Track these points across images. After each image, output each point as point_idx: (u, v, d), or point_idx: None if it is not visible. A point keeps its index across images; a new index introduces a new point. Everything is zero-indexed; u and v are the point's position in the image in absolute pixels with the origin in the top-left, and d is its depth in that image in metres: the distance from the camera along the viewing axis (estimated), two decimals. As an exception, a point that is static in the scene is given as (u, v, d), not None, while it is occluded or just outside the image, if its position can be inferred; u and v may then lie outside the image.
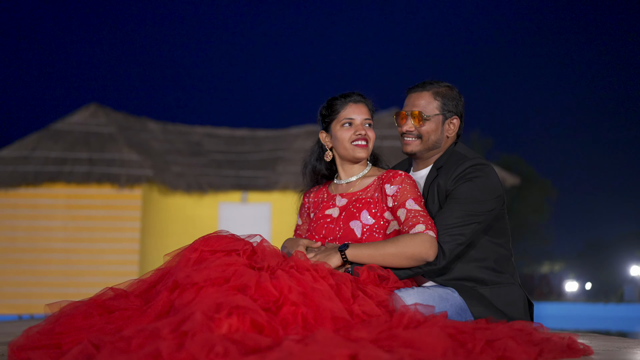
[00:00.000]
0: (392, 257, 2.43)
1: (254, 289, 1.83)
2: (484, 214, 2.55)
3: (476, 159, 2.65)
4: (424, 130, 2.76)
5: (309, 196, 2.96)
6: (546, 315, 21.15)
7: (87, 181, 11.69)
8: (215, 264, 1.91)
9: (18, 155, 12.01)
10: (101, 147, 12.40)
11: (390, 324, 1.79)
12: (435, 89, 2.82)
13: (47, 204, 11.71)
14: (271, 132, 14.72)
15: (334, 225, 2.68)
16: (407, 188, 2.60)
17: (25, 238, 11.53)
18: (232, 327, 1.62)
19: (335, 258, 2.45)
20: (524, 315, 2.62)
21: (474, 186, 2.56)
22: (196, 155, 13.79)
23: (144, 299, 2.06)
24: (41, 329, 1.88)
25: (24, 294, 11.26)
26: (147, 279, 2.16)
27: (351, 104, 2.76)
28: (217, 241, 2.11)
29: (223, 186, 12.93)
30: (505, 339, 1.74)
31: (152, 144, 13.51)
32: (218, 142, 14.41)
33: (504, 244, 2.70)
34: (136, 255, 11.69)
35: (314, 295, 1.86)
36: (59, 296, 1.89)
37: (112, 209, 11.84)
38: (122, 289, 2.13)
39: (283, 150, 13.74)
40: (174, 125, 14.62)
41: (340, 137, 2.73)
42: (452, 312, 2.39)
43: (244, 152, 14.08)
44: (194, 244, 2.11)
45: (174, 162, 13.20)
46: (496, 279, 2.61)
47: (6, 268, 11.40)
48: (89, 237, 11.63)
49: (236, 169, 13.41)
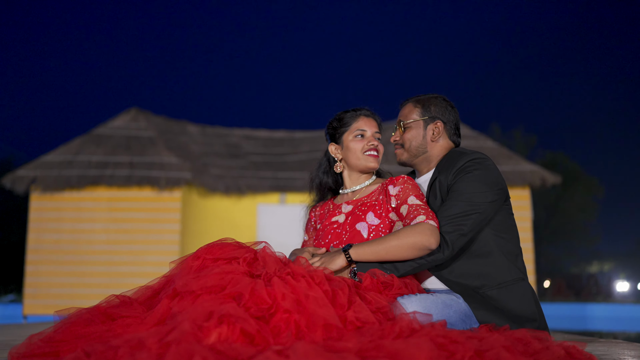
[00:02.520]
0: (395, 248, 2.46)
1: (248, 297, 1.85)
2: (484, 204, 2.56)
3: (475, 154, 2.68)
4: (405, 138, 2.85)
5: (315, 210, 3.03)
6: (593, 316, 20.68)
7: (128, 184, 11.90)
8: (213, 272, 1.94)
9: (62, 159, 12.31)
10: (141, 151, 12.62)
11: (382, 332, 1.79)
12: (417, 97, 2.90)
13: (90, 207, 11.97)
14: (309, 133, 14.76)
15: (340, 229, 2.72)
16: (409, 187, 2.67)
17: (69, 240, 11.80)
18: (222, 336, 1.64)
19: (340, 259, 2.49)
20: (535, 309, 2.60)
21: (474, 178, 2.58)
22: (234, 157, 13.91)
23: (148, 306, 2.10)
24: (43, 337, 1.93)
25: (68, 295, 11.53)
26: (153, 286, 2.20)
27: (363, 117, 2.86)
28: (219, 249, 2.14)
29: (261, 188, 13.01)
30: (498, 349, 1.71)
31: (191, 147, 13.69)
32: (256, 144, 14.51)
33: (511, 239, 2.70)
34: (176, 256, 11.83)
35: (307, 302, 1.87)
36: (102, 297, 1.95)
37: (152, 212, 12.04)
38: (127, 296, 2.18)
39: (321, 151, 13.74)
40: (212, 128, 14.78)
41: (353, 147, 2.82)
42: (456, 319, 2.37)
43: (281, 154, 14.14)
44: (197, 252, 2.14)
45: (213, 164, 13.34)
46: (505, 276, 2.58)
47: (51, 269, 11.70)
48: (130, 239, 11.86)
49: (274, 171, 13.48)
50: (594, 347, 2.83)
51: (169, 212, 12.04)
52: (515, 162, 12.26)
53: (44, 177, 11.87)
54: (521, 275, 2.64)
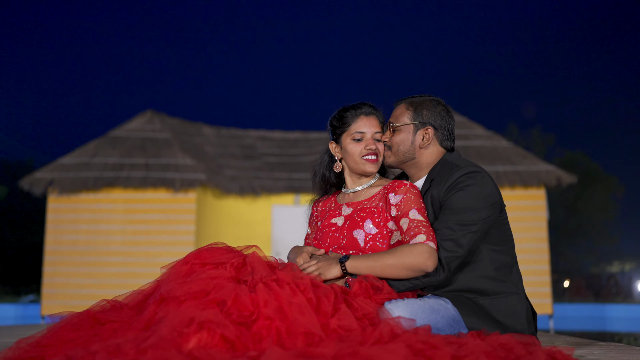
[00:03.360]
0: (391, 267, 2.42)
1: (231, 303, 1.86)
2: (479, 223, 2.50)
3: (468, 167, 2.60)
4: (393, 141, 2.77)
5: (318, 205, 2.99)
6: (612, 317, 20.44)
7: (144, 186, 12.00)
8: (199, 278, 1.96)
9: (78, 161, 12.45)
10: (157, 153, 12.72)
11: (363, 338, 1.79)
12: (411, 99, 2.81)
13: (106, 209, 12.09)
14: (324, 134, 14.76)
15: (338, 233, 2.69)
16: (411, 198, 2.59)
17: (86, 241, 11.93)
18: (201, 341, 1.66)
19: (336, 269, 2.47)
20: (525, 326, 2.55)
21: (467, 195, 2.51)
22: (249, 158, 13.96)
23: (138, 310, 2.13)
24: (31, 342, 1.96)
25: (86, 295, 11.64)
26: (144, 291, 2.23)
27: (362, 116, 2.76)
28: (209, 254, 2.16)
29: (276, 189, 13.04)
30: (477, 354, 1.72)
31: (206, 148, 13.77)
32: (271, 145, 14.56)
33: (505, 251, 2.64)
34: (191, 257, 11.90)
35: (290, 309, 1.88)
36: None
37: (167, 213, 12.13)
38: (117, 301, 2.20)
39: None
40: (227, 130, 14.85)
41: (351, 151, 2.75)
42: (443, 324, 2.35)
43: (296, 155, 14.17)
44: (187, 257, 2.17)
45: (228, 165, 13.41)
46: (497, 289, 2.55)
47: (68, 270, 11.83)
48: (146, 240, 11.96)
49: (289, 172, 13.51)
50: (590, 351, 2.81)
51: (184, 213, 12.12)
52: (531, 161, 12.17)
53: (61, 179, 12.01)
54: (515, 290, 2.60)
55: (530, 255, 11.41)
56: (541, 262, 11.54)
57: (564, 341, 3.49)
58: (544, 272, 11.49)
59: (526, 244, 11.39)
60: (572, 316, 20.41)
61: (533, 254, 11.48)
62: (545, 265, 11.54)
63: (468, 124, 13.18)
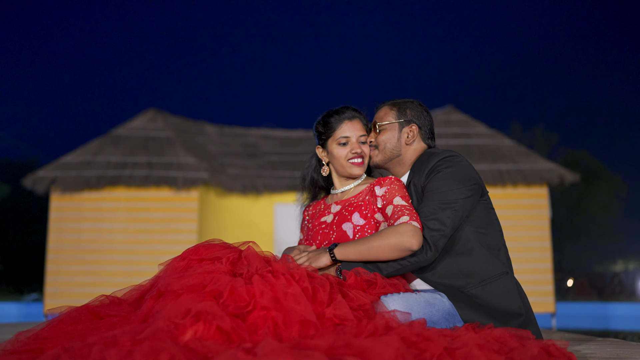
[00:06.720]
0: (377, 249, 2.49)
1: (227, 295, 1.89)
2: (460, 201, 2.58)
3: (446, 152, 2.71)
4: (379, 140, 2.89)
5: (309, 209, 3.08)
6: (615, 316, 20.41)
7: (146, 184, 12.03)
8: (196, 272, 1.99)
9: (81, 160, 12.48)
10: (159, 151, 12.75)
11: (358, 330, 1.82)
12: (392, 101, 2.96)
13: (109, 207, 12.12)
14: (325, 133, 14.79)
15: (328, 229, 2.77)
16: (395, 188, 2.70)
17: (89, 240, 11.97)
18: (197, 333, 1.68)
19: (325, 257, 2.54)
20: (520, 304, 2.60)
21: (445, 176, 2.61)
22: (252, 157, 13.99)
23: (136, 306, 2.16)
24: (31, 335, 1.99)
25: (88, 294, 11.67)
26: (142, 287, 2.26)
27: (346, 121, 2.86)
28: (205, 249, 2.19)
29: (278, 187, 13.06)
30: (470, 347, 1.74)
31: (209, 147, 13.80)
32: (273, 143, 14.58)
33: (492, 233, 2.70)
34: (193, 256, 11.93)
35: (285, 299, 1.91)
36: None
37: (170, 211, 12.16)
38: (116, 297, 2.23)
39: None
40: (230, 128, 14.88)
41: (337, 154, 2.85)
42: (439, 317, 2.39)
43: (299, 153, 14.19)
44: (184, 253, 2.19)
45: (230, 164, 13.44)
46: (488, 270, 2.59)
47: (71, 269, 11.88)
48: (148, 239, 11.99)
49: (291, 170, 13.53)
50: (587, 346, 2.83)
51: (186, 211, 12.15)
52: (533, 160, 12.16)
53: (64, 177, 12.05)
54: (505, 269, 2.65)
55: (533, 254, 11.42)
56: (544, 261, 11.54)
57: (561, 337, 3.50)
58: (546, 271, 11.50)
59: (529, 243, 11.40)
60: (575, 315, 20.40)
61: (536, 253, 11.48)
62: (548, 263, 11.54)
63: (470, 122, 13.18)
